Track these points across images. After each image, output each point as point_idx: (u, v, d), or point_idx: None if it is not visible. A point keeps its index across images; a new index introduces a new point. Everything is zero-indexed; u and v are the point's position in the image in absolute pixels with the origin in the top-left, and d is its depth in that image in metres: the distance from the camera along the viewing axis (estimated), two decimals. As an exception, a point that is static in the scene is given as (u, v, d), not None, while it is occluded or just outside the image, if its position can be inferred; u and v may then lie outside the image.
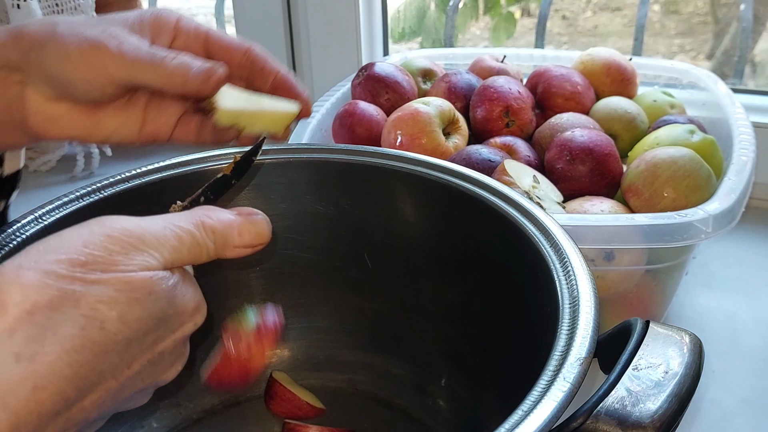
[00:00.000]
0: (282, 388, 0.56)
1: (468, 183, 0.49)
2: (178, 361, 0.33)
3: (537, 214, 0.44)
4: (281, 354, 0.60)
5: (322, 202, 0.55)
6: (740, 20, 1.01)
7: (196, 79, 0.40)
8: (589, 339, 0.35)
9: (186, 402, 0.57)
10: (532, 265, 0.42)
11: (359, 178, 0.54)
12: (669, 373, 0.33)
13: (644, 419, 0.31)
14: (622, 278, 0.60)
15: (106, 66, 0.39)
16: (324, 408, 0.57)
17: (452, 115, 0.70)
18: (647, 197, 0.60)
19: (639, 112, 0.72)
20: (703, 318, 0.70)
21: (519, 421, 0.30)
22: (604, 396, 0.32)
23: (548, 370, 0.33)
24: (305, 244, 0.57)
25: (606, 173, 0.63)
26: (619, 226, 0.54)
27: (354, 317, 0.58)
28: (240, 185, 0.54)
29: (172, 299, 0.30)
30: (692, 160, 0.60)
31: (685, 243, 0.54)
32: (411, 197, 0.53)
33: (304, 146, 0.58)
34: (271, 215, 0.56)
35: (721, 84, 0.77)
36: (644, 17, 1.00)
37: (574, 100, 0.73)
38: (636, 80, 0.78)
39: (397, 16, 1.34)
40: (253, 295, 0.58)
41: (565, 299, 0.38)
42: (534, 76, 0.77)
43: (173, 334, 0.31)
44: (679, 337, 0.35)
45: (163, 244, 0.30)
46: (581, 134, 0.64)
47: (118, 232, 0.29)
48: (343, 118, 0.74)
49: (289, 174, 0.55)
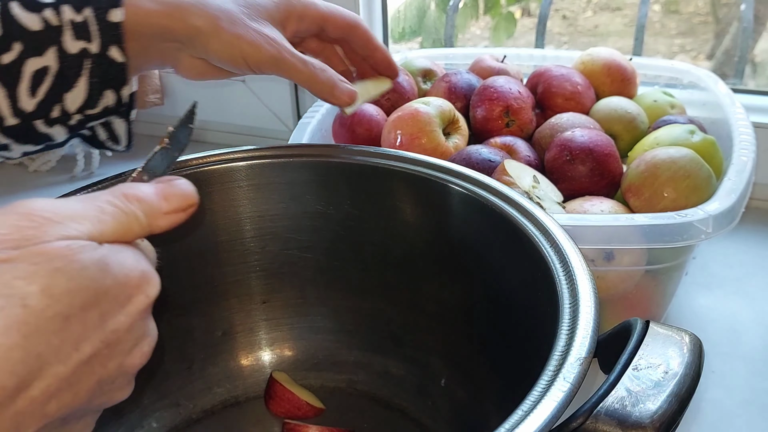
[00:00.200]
0: (282, 388, 0.56)
1: (468, 183, 0.49)
2: (142, 341, 0.30)
3: (537, 214, 0.44)
4: (281, 354, 0.60)
5: (322, 202, 0.55)
6: (741, 20, 1.01)
7: (339, 96, 0.52)
8: (589, 339, 0.35)
9: (186, 402, 0.57)
10: (532, 265, 0.42)
11: (359, 178, 0.54)
12: (669, 373, 0.33)
13: (644, 419, 0.31)
14: (622, 278, 0.60)
15: (262, 65, 0.50)
16: (324, 408, 0.57)
17: (452, 115, 0.70)
18: (647, 197, 0.60)
19: (639, 112, 0.72)
20: (703, 318, 0.70)
21: (519, 421, 0.30)
22: (604, 396, 0.32)
23: (548, 370, 0.33)
24: (305, 244, 0.57)
25: (606, 173, 0.63)
26: (619, 226, 0.54)
27: (354, 317, 0.58)
28: (240, 185, 0.54)
29: (104, 268, 0.28)
30: (692, 160, 0.60)
31: (685, 243, 0.54)
32: (411, 197, 0.53)
33: (304, 146, 0.58)
34: (272, 215, 0.56)
35: (721, 84, 0.77)
36: (644, 17, 1.00)
37: (574, 100, 0.73)
38: (636, 80, 0.78)
39: (397, 16, 1.34)
40: (253, 295, 0.58)
41: (565, 299, 0.38)
42: (534, 76, 0.77)
43: (123, 308, 0.29)
44: (679, 337, 0.35)
45: (82, 215, 0.29)
46: (581, 134, 0.64)
47: (28, 209, 0.28)
48: (343, 118, 0.74)
49: (289, 174, 0.55)
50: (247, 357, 0.59)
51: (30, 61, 0.48)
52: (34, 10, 0.48)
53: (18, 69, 0.48)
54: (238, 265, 0.57)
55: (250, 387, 0.58)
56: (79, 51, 0.48)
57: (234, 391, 0.58)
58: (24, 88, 0.48)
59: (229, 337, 0.58)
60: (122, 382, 0.31)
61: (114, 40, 0.48)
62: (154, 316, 0.32)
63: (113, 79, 0.49)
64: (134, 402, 0.54)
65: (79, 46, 0.48)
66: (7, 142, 0.50)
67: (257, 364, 0.59)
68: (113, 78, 0.49)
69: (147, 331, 0.31)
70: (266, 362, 0.59)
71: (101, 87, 0.49)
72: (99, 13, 0.48)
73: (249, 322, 0.59)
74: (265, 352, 0.59)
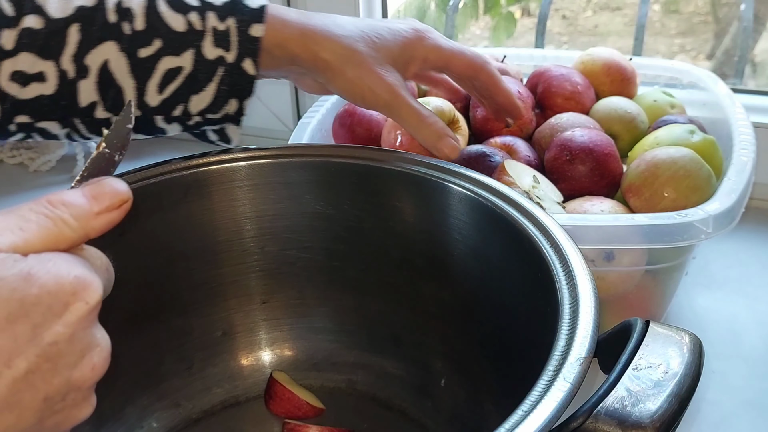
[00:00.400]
0: (282, 388, 0.56)
1: (468, 183, 0.49)
2: (90, 352, 0.28)
3: (537, 214, 0.44)
4: (281, 354, 0.60)
5: (322, 202, 0.55)
6: (741, 20, 1.01)
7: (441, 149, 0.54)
8: (589, 339, 0.35)
9: (186, 402, 0.57)
10: (532, 265, 0.42)
11: (359, 178, 0.54)
12: (669, 373, 0.33)
13: (644, 419, 0.31)
14: (622, 278, 0.60)
15: (376, 107, 0.54)
16: (323, 408, 0.57)
17: (452, 115, 0.70)
18: (647, 197, 0.60)
19: (639, 112, 0.72)
20: (703, 318, 0.70)
21: (519, 421, 0.30)
22: (604, 396, 0.32)
23: (548, 370, 0.33)
24: (304, 244, 0.57)
25: (606, 173, 0.63)
26: (619, 226, 0.54)
27: (354, 317, 0.58)
28: (240, 185, 0.54)
29: (28, 278, 0.26)
30: (692, 160, 0.60)
31: (685, 243, 0.54)
32: (411, 197, 0.53)
33: (304, 146, 0.58)
34: (271, 215, 0.56)
35: (721, 84, 0.77)
36: (644, 17, 1.00)
37: (574, 99, 0.73)
38: (636, 80, 0.77)
39: (397, 16, 1.34)
40: (252, 295, 0.58)
41: (565, 299, 0.38)
42: (534, 76, 0.77)
43: (59, 318, 0.27)
44: (679, 337, 0.35)
45: (1, 227, 0.27)
46: (581, 134, 0.64)
47: None
48: (343, 118, 0.74)
49: (289, 174, 0.55)
50: (247, 357, 0.59)
51: (166, 59, 0.49)
52: (180, 11, 0.49)
53: (152, 65, 0.49)
54: (237, 266, 0.57)
55: (250, 387, 0.58)
56: (215, 58, 0.50)
57: (234, 392, 0.58)
58: (153, 83, 0.49)
59: (229, 337, 0.58)
60: (77, 399, 0.29)
61: (250, 53, 0.50)
62: (154, 317, 0.31)
63: (241, 90, 0.51)
64: (134, 402, 0.54)
65: (216, 53, 0.50)
66: None
67: (257, 364, 0.59)
68: (241, 89, 0.51)
69: (94, 340, 0.29)
70: (266, 362, 0.59)
71: (228, 95, 0.51)
72: (241, 24, 0.50)
73: (249, 323, 0.59)
74: (264, 352, 0.59)
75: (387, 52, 0.53)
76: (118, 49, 0.48)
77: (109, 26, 0.48)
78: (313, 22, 0.52)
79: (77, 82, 0.48)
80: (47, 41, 0.47)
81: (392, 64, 0.53)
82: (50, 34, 0.47)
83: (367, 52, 0.52)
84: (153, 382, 0.55)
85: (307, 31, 0.51)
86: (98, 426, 0.51)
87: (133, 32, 0.49)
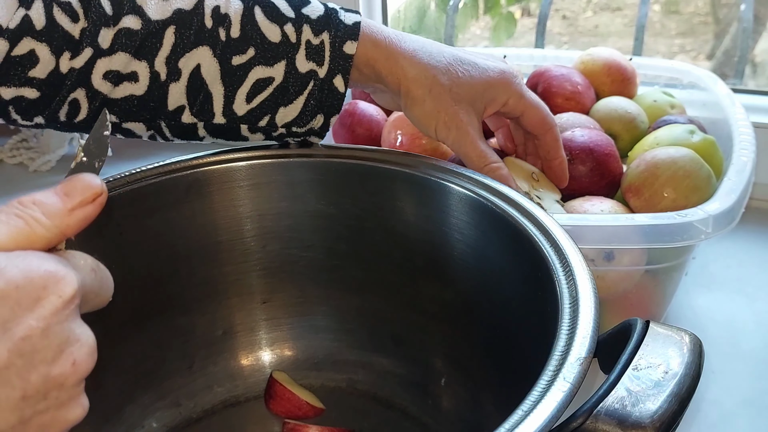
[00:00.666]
0: (282, 388, 0.56)
1: (468, 183, 0.49)
2: (69, 347, 0.28)
3: (537, 214, 0.44)
4: (281, 354, 0.60)
5: (323, 201, 0.55)
6: (741, 20, 1.02)
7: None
8: (589, 339, 0.35)
9: (186, 402, 0.57)
10: (532, 265, 0.42)
11: (359, 178, 0.54)
12: (669, 373, 0.33)
13: (644, 419, 0.31)
14: (622, 278, 0.60)
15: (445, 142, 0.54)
16: (324, 408, 0.57)
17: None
18: (647, 197, 0.60)
19: (639, 112, 0.72)
20: (703, 318, 0.70)
21: (519, 421, 0.31)
22: (604, 396, 0.32)
23: (548, 370, 0.33)
24: (306, 243, 0.57)
25: (606, 173, 0.63)
26: (619, 226, 0.54)
27: (354, 317, 0.58)
28: (240, 185, 0.54)
29: None
30: (692, 160, 0.60)
31: (685, 243, 0.54)
32: (411, 197, 0.53)
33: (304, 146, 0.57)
34: (272, 214, 0.56)
35: (721, 84, 0.77)
36: (645, 17, 1.00)
37: (574, 99, 0.73)
38: (636, 80, 0.78)
39: (397, 16, 1.34)
40: (253, 295, 0.58)
41: (565, 299, 0.38)
42: (534, 76, 0.77)
43: (30, 312, 0.26)
44: (679, 337, 0.35)
45: None
46: (581, 134, 0.64)
47: None
48: (343, 118, 0.74)
49: (290, 173, 0.55)
50: (248, 357, 0.59)
51: (258, 68, 0.49)
52: (276, 22, 0.49)
53: (244, 73, 0.49)
54: (238, 265, 0.57)
55: (251, 387, 0.58)
56: (307, 71, 0.50)
57: (234, 391, 0.58)
58: (243, 92, 0.50)
59: (230, 336, 0.58)
60: (61, 398, 0.28)
61: (341, 70, 0.51)
62: (155, 316, 0.31)
63: (329, 106, 0.51)
64: (134, 401, 0.54)
65: (308, 67, 0.50)
66: (204, 135, 0.52)
67: (257, 363, 0.59)
68: (329, 105, 0.51)
69: (73, 335, 0.28)
70: (266, 362, 0.59)
71: (315, 110, 0.51)
72: (336, 41, 0.50)
73: (249, 322, 0.59)
74: (265, 352, 0.59)
75: (469, 89, 0.53)
76: (211, 55, 0.48)
77: (205, 31, 0.48)
78: (403, 46, 0.52)
79: (168, 84, 0.48)
80: (143, 42, 0.47)
81: (471, 102, 0.54)
82: (147, 35, 0.47)
83: (449, 85, 0.52)
84: (154, 380, 0.55)
85: (396, 55, 0.52)
86: (98, 425, 0.51)
87: (227, 39, 0.49)
